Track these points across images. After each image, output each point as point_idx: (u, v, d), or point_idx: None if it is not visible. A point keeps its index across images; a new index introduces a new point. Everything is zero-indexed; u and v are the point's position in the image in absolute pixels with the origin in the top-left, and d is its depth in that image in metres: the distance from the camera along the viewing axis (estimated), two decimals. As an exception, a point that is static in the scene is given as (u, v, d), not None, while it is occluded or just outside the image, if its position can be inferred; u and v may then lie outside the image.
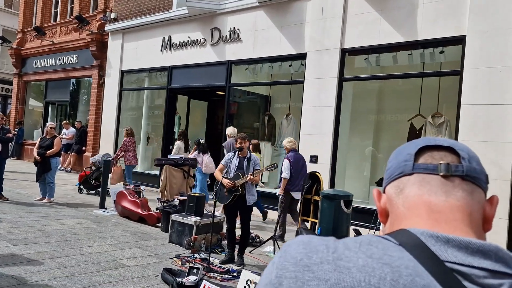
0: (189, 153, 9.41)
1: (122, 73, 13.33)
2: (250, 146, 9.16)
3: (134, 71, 13.06)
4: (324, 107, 8.33)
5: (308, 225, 6.22)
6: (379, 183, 8.43)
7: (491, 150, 6.20)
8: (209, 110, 13.26)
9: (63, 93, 16.42)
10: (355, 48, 8.12)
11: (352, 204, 5.51)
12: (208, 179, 8.91)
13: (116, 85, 13.40)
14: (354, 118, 8.74)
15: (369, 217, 6.48)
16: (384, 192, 0.78)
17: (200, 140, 9.26)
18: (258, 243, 6.51)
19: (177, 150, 9.88)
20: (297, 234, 5.44)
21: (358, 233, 5.17)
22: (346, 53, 8.25)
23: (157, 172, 11.46)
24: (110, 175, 9.97)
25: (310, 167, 7.89)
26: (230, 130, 8.58)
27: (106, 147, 13.44)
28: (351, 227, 5.54)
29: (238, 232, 5.85)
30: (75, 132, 14.67)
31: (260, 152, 9.35)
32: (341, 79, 8.23)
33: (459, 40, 6.83)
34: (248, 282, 3.90)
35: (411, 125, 8.09)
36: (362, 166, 9.26)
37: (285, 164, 6.84)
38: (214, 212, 5.67)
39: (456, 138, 6.71)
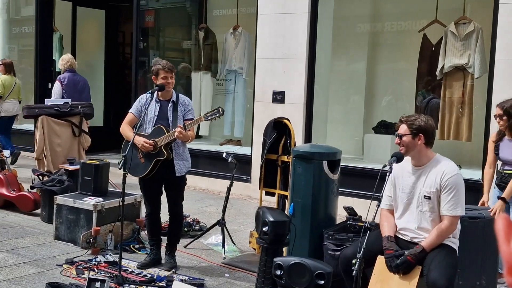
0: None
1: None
2: (1, 67, 9.85)
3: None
4: (292, 14, 8.12)
5: (274, 200, 6.16)
6: (378, 130, 8.47)
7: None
8: (109, 24, 12.73)
9: None
10: None
11: (341, 165, 5.47)
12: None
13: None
14: (337, 31, 8.60)
15: (367, 182, 6.49)
16: None
17: None
18: (197, 232, 6.43)
19: None
20: (257, 215, 5.36)
21: (352, 213, 5.14)
22: None
23: (32, 127, 11.00)
24: None
25: (274, 110, 7.74)
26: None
27: None
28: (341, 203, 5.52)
29: (165, 218, 5.73)
30: None
31: (14, 75, 9.92)
32: (317, -31, 8.00)
33: None
34: (185, 300, 3.78)
35: (424, 38, 8.11)
36: (352, 105, 9.23)
37: (56, 88, 8.23)
38: (124, 188, 5.45)
39: (492, 55, 6.72)
